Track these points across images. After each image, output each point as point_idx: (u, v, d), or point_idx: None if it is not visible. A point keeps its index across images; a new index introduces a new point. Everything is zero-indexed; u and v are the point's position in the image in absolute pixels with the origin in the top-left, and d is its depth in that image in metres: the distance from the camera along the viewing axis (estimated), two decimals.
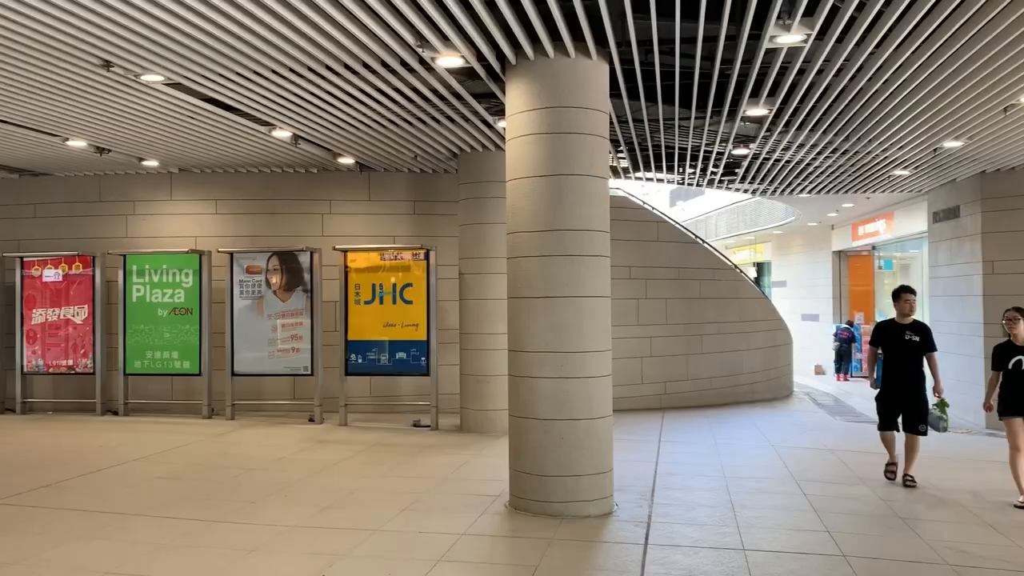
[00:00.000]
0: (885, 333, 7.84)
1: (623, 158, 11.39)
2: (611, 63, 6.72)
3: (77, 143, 9.80)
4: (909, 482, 7.54)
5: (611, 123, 8.65)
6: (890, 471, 7.79)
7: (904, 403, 7.65)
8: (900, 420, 7.73)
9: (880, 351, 7.91)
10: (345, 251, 10.91)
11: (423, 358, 10.59)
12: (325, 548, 5.48)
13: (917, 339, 7.62)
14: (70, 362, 11.80)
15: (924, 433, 7.62)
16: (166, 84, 7.27)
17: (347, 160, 11.04)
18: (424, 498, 6.86)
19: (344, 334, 10.84)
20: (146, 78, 7.04)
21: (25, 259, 11.95)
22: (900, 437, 7.81)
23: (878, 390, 7.89)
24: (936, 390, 7.64)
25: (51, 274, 11.89)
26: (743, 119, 8.87)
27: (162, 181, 12.20)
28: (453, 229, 11.09)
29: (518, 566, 5.23)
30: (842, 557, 5.40)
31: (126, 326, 11.58)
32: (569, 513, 6.22)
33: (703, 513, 6.48)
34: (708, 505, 6.74)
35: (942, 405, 7.65)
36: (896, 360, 7.70)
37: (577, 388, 6.28)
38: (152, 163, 11.31)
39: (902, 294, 7.79)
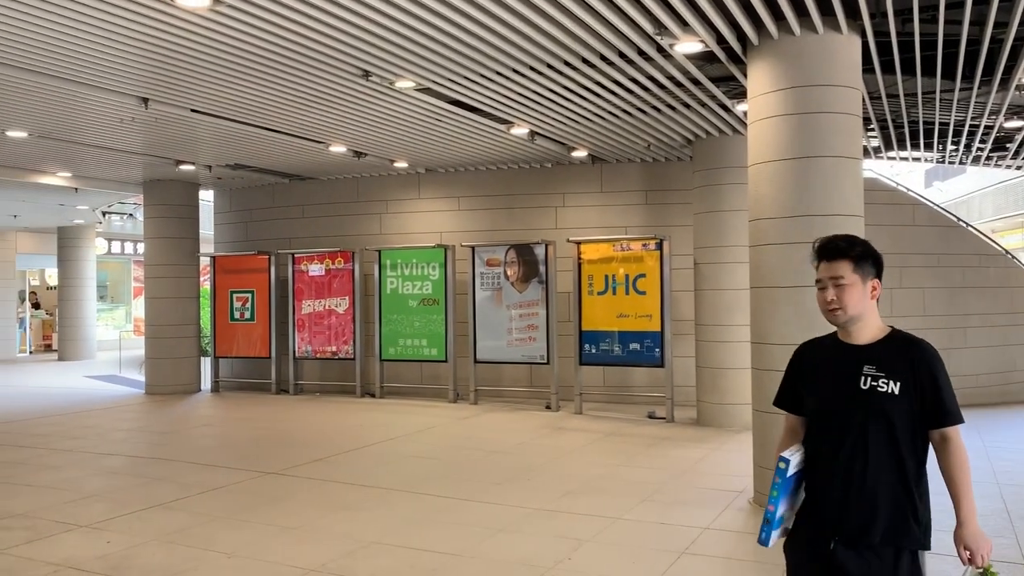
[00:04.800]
0: (808, 369, 2.87)
1: (874, 137, 10.61)
2: (863, 36, 6.28)
3: (338, 148, 10.72)
4: None
5: (862, 100, 8.10)
6: None
7: None
8: None
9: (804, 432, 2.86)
10: (578, 243, 11.07)
11: (657, 349, 10.51)
12: (568, 532, 5.62)
13: (892, 385, 2.64)
14: (334, 348, 12.96)
15: None
16: (417, 89, 7.76)
17: (580, 153, 11.19)
18: (664, 490, 6.82)
19: (578, 324, 11.01)
20: (399, 84, 7.56)
21: (295, 255, 13.28)
22: None
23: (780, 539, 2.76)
24: (959, 542, 2.66)
25: (316, 269, 13.12)
26: (1018, 88, 7.95)
27: (411, 181, 13.05)
28: (687, 218, 10.90)
29: (766, 564, 5.06)
30: None
31: (381, 316, 12.53)
32: None
33: None
34: (979, 513, 6.11)
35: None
36: (829, 449, 2.71)
37: None
38: (402, 164, 12.13)
39: (821, 262, 2.76)
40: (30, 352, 23.08)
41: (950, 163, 13.28)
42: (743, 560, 5.24)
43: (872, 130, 10.14)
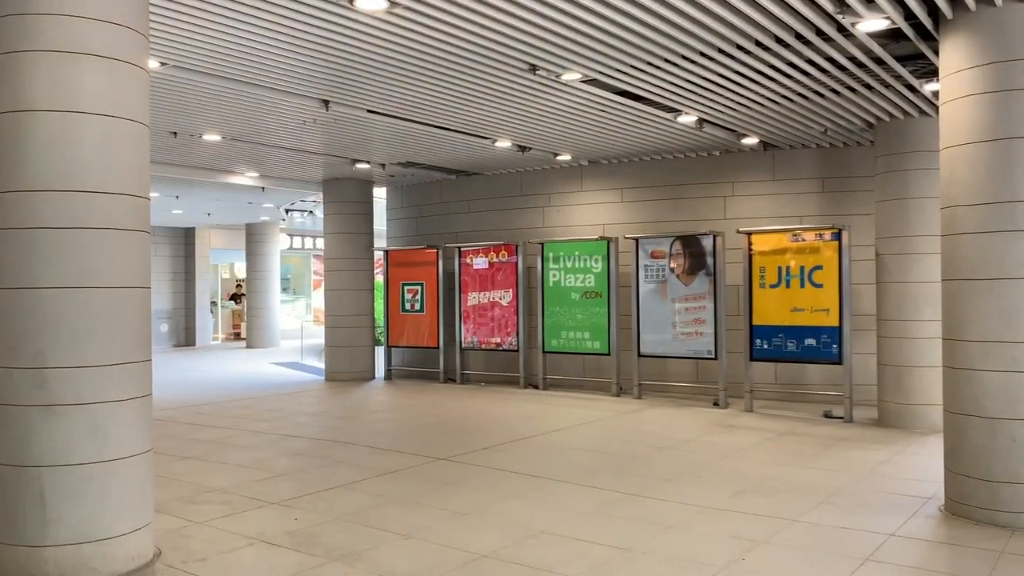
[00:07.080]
0: None
1: None
2: None
3: (503, 143, 10.89)
4: None
5: None
6: None
7: None
8: None
9: None
10: (749, 233, 10.68)
11: (834, 345, 9.98)
12: (742, 533, 5.44)
13: None
14: (498, 340, 13.21)
15: None
16: (583, 81, 7.74)
17: (751, 140, 10.79)
18: (843, 493, 6.47)
19: (748, 318, 10.63)
20: (566, 77, 7.56)
21: (461, 249, 13.63)
22: None
23: None
24: None
25: (480, 262, 13.41)
26: None
27: (573, 173, 13.06)
28: (868, 206, 10.28)
29: None
30: None
31: (544, 308, 12.64)
32: (1022, 525, 5.43)
33: None
34: None
35: None
36: None
37: None
38: (565, 157, 12.16)
39: None
40: (221, 340, 25.05)
41: None
42: (936, 571, 4.88)
43: None
